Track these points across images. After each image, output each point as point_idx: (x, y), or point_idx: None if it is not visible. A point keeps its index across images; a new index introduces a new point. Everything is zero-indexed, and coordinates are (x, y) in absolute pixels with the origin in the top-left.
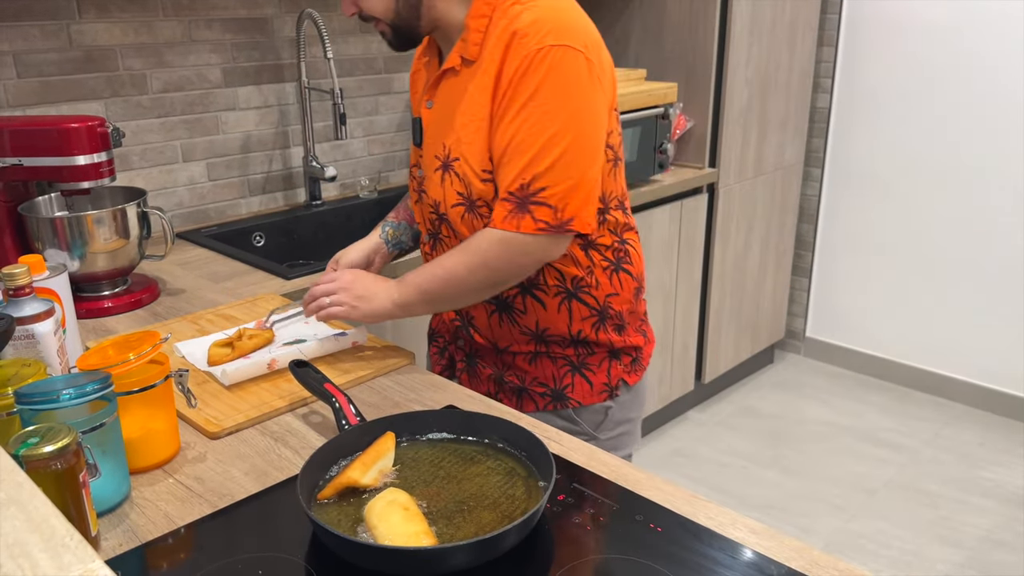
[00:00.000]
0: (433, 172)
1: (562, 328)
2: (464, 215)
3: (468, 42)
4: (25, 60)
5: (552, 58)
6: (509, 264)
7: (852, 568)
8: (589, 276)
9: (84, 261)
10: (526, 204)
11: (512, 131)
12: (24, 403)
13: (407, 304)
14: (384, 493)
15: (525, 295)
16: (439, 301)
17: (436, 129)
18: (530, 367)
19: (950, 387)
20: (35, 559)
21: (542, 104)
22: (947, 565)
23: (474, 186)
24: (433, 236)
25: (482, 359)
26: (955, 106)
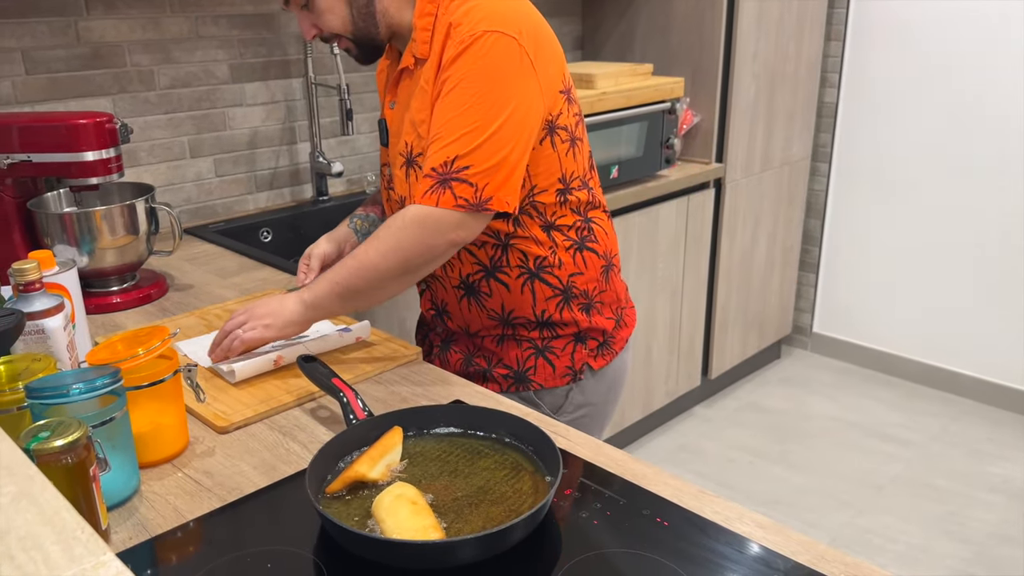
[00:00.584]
0: (399, 168)
1: (527, 310)
2: None
3: (417, 41)
4: (33, 57)
5: (483, 43)
6: (421, 245)
7: (859, 563)
8: (552, 256)
9: (93, 257)
10: (448, 181)
11: (440, 113)
12: (35, 397)
13: (317, 300)
14: (392, 487)
15: (489, 278)
16: (352, 293)
17: (398, 127)
18: (497, 349)
19: (958, 382)
20: (47, 552)
21: (471, 87)
22: (954, 560)
23: None
24: None
25: (455, 344)
26: (963, 101)
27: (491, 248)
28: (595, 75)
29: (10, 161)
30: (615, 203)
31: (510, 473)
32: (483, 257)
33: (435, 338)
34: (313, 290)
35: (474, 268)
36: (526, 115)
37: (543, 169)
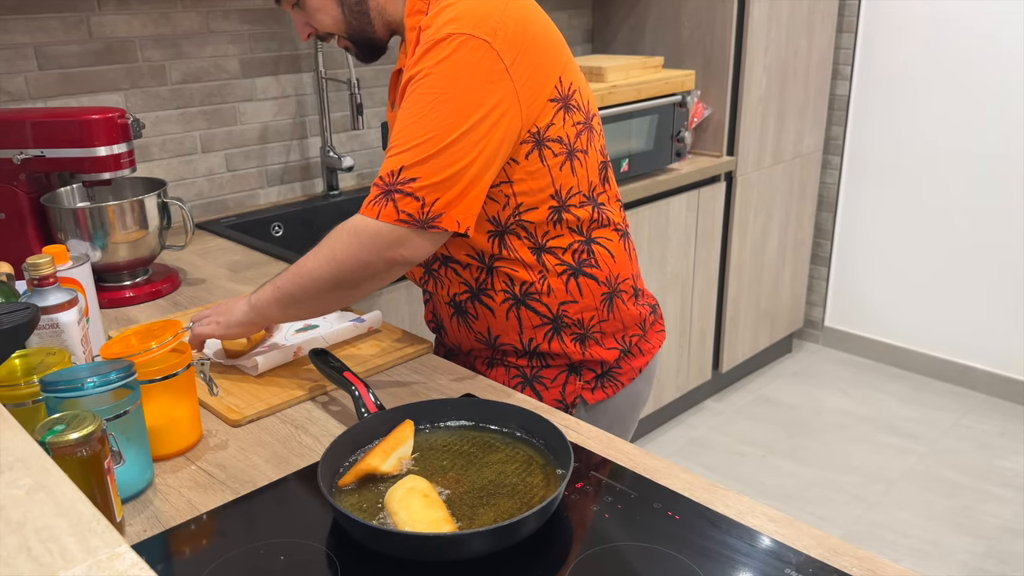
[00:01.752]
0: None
1: (513, 337)
2: None
3: (407, 43)
4: (46, 52)
5: (446, 46)
6: (354, 259)
7: (872, 557)
8: (540, 282)
9: (106, 251)
10: (392, 193)
11: (398, 120)
12: (49, 391)
13: (260, 305)
14: (404, 480)
15: (475, 300)
16: (290, 300)
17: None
18: (486, 371)
19: (969, 376)
20: (63, 543)
21: (428, 94)
22: (966, 555)
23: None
24: None
25: (454, 359)
26: (976, 92)
27: (475, 270)
28: (605, 68)
29: (23, 156)
30: (625, 196)
31: (521, 466)
32: (468, 278)
33: (439, 349)
34: (259, 293)
35: (461, 288)
36: (493, 127)
37: (531, 185)
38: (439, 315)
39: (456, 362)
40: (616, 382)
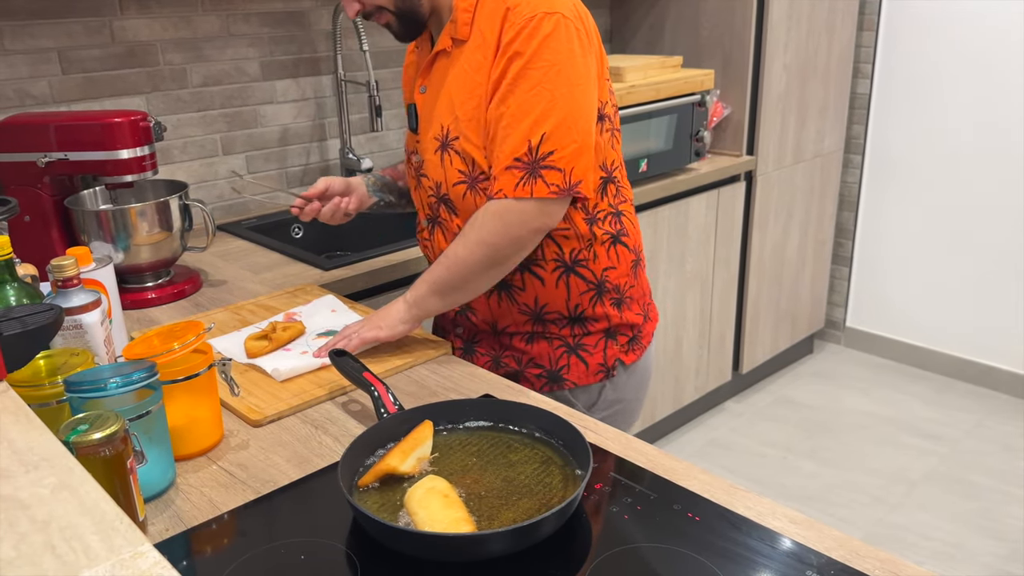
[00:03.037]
0: (433, 153)
1: (560, 304)
2: (466, 193)
3: (457, 22)
4: (69, 56)
5: (545, 26)
6: (505, 235)
7: (893, 559)
8: (587, 250)
9: (128, 253)
10: (536, 169)
11: (512, 99)
12: (73, 391)
13: (418, 299)
14: (424, 480)
15: (524, 271)
16: (448, 289)
17: (431, 112)
18: (527, 347)
19: (992, 377)
20: (87, 541)
21: (539, 71)
22: (990, 557)
23: (477, 162)
24: (432, 221)
25: (479, 344)
26: (999, 90)
27: None
28: (624, 68)
29: (48, 159)
30: (644, 196)
31: (540, 467)
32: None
33: (456, 339)
34: (414, 291)
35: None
36: (592, 96)
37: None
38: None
39: (482, 348)
40: (641, 345)
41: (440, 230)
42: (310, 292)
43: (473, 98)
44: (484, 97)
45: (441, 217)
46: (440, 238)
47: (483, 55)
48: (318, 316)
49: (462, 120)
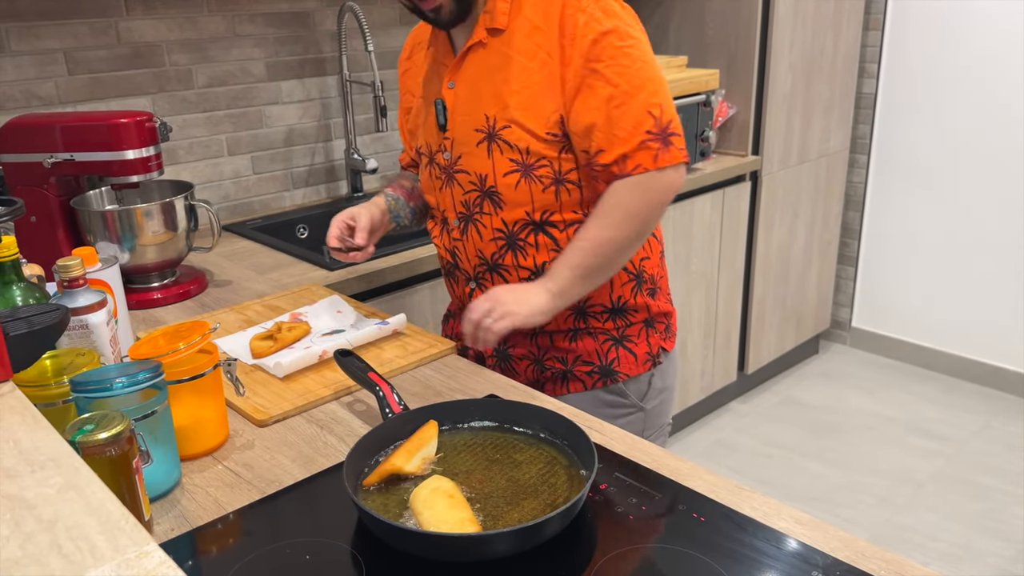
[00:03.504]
0: (475, 146)
1: (604, 297)
2: (519, 182)
3: (495, 12)
4: (75, 57)
5: (611, 8)
6: (652, 204)
7: (900, 560)
8: None
9: (134, 253)
10: (667, 138)
11: (617, 76)
12: (79, 391)
13: (564, 289)
14: (429, 480)
15: None
16: (594, 271)
17: (470, 104)
18: (572, 345)
19: (999, 377)
20: (93, 541)
21: (632, 46)
22: (997, 559)
23: (533, 149)
24: (466, 219)
25: (515, 348)
26: (1005, 89)
27: (574, 232)
28: None
29: (54, 160)
30: None
31: (545, 467)
32: (563, 242)
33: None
34: (556, 280)
35: (552, 255)
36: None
37: None
38: None
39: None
40: (673, 332)
41: (476, 228)
42: (315, 292)
43: (530, 86)
44: (545, 84)
45: (481, 212)
46: (476, 236)
47: (537, 42)
48: (323, 316)
49: (514, 108)
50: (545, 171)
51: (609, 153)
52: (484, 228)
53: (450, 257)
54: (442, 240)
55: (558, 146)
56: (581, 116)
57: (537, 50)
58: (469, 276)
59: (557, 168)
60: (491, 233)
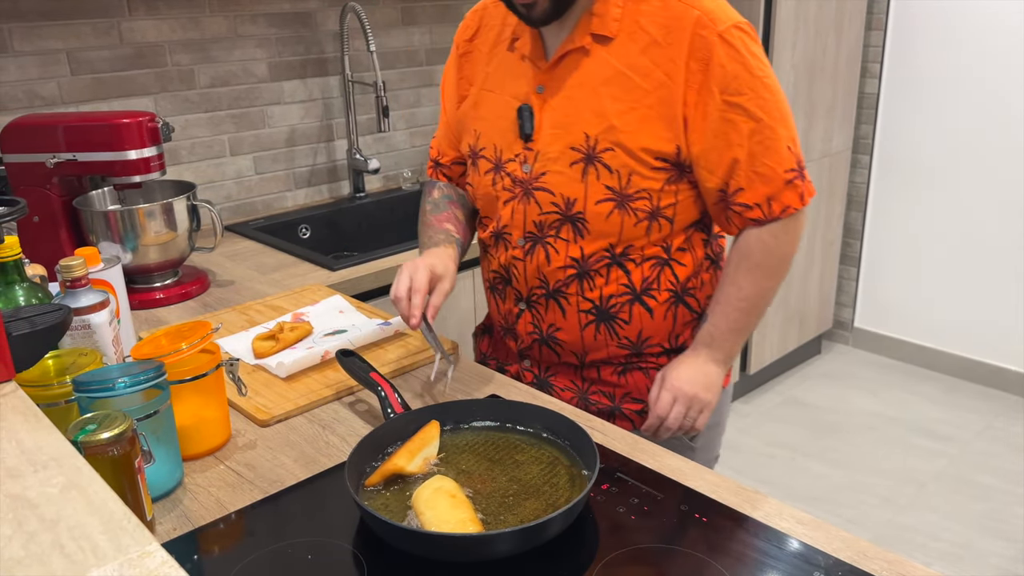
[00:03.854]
0: (567, 166)
1: (663, 336)
2: (612, 212)
3: (605, 17)
4: (78, 57)
5: (748, 35)
6: (796, 241)
7: (901, 560)
8: (696, 276)
9: (136, 253)
10: (804, 174)
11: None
12: (82, 391)
13: (730, 355)
14: (431, 480)
15: (634, 302)
16: (750, 326)
17: (564, 118)
18: (620, 380)
19: (1001, 377)
20: (95, 540)
21: (768, 80)
22: (999, 559)
23: (635, 179)
24: (534, 240)
25: (556, 377)
26: (1008, 90)
27: (650, 267)
28: None
29: (56, 160)
30: None
31: (547, 467)
32: (636, 277)
33: (525, 373)
34: (723, 348)
35: (621, 289)
36: None
37: None
38: (555, 324)
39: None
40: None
41: (545, 251)
42: (317, 292)
43: (640, 107)
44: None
45: (557, 237)
46: (542, 259)
47: (655, 59)
48: (326, 316)
49: (621, 130)
50: (643, 203)
51: (750, 193)
52: (555, 254)
53: (503, 273)
54: (495, 253)
55: (664, 178)
56: (720, 152)
57: (654, 68)
58: (521, 297)
59: (655, 202)
60: (563, 260)
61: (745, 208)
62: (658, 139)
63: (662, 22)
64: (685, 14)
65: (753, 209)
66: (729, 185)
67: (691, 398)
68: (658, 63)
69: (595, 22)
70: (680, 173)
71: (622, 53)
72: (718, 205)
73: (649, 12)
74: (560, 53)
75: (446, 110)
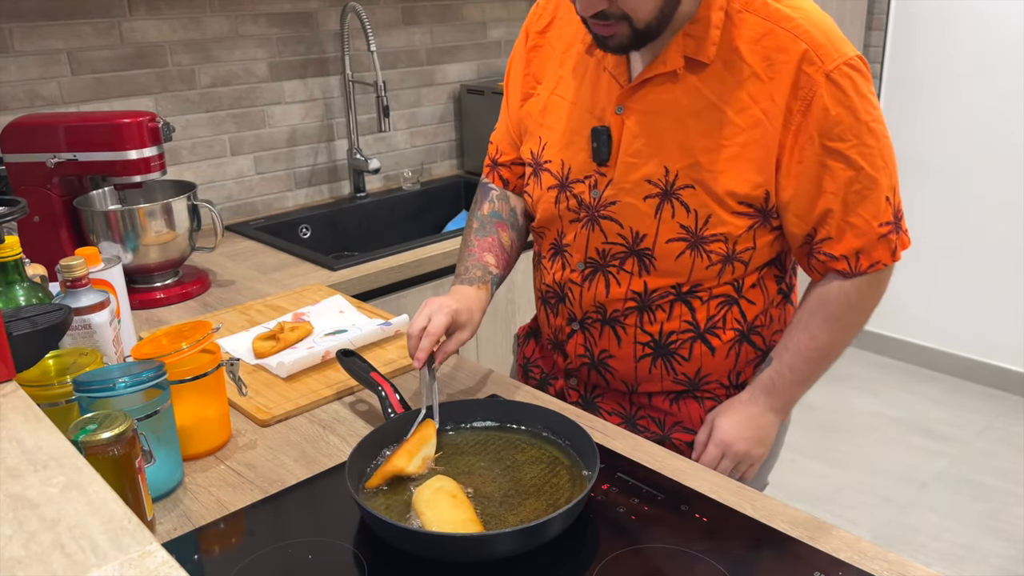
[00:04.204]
0: (641, 200)
1: (722, 373)
2: (683, 253)
3: (703, 40)
4: (79, 57)
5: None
6: (880, 296)
7: (902, 560)
8: (765, 314)
9: (137, 253)
10: (899, 223)
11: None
12: (82, 391)
13: (789, 403)
14: (432, 480)
15: (696, 340)
16: (816, 375)
17: (644, 147)
18: (672, 408)
19: (1003, 377)
20: (95, 540)
21: (876, 124)
22: (1000, 559)
23: (712, 221)
24: (595, 268)
25: (603, 399)
26: (1009, 90)
27: (716, 305)
28: None
29: (57, 160)
30: None
31: (547, 467)
32: (701, 315)
33: (570, 392)
34: (783, 397)
35: (684, 326)
36: None
37: None
38: (608, 351)
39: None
40: None
41: (605, 280)
42: (318, 292)
43: (732, 146)
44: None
45: (620, 269)
46: (601, 288)
47: (753, 94)
48: (326, 316)
49: (706, 168)
50: (717, 246)
51: (839, 244)
52: (617, 286)
53: (557, 289)
54: (551, 267)
55: (746, 224)
56: (812, 199)
57: (751, 104)
58: (575, 317)
59: (731, 247)
60: (624, 292)
61: (830, 258)
62: (745, 183)
63: (765, 53)
64: (791, 46)
65: (839, 261)
66: (817, 232)
67: (741, 455)
68: (756, 99)
69: (690, 45)
70: (763, 219)
71: (716, 83)
72: (803, 248)
73: (751, 39)
74: (647, 75)
75: (508, 106)
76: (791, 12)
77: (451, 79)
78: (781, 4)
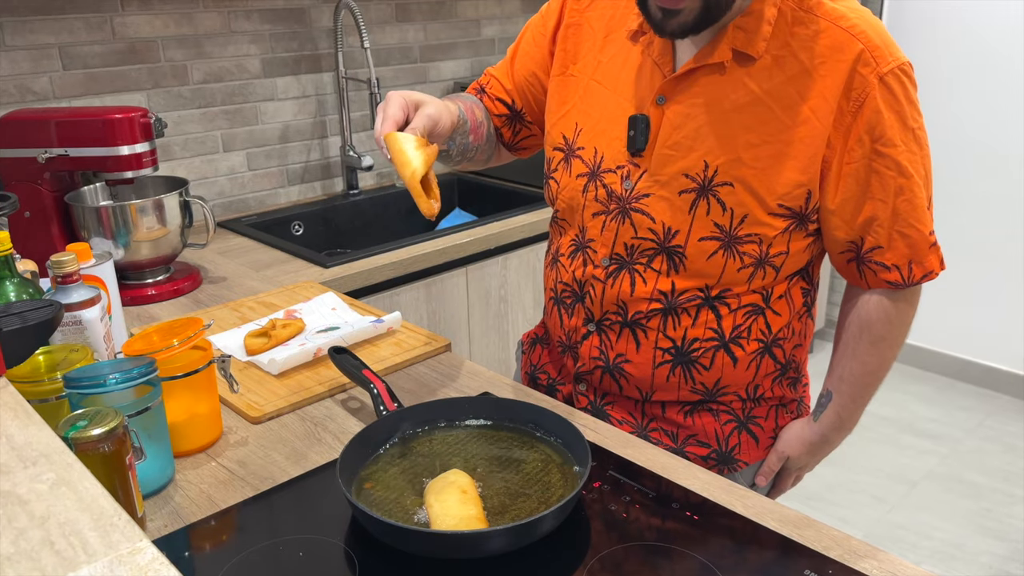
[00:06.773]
0: (677, 194)
1: (741, 385)
2: (714, 253)
3: (754, 34)
4: (70, 52)
5: (911, 78)
6: (915, 311)
7: (892, 558)
8: (787, 328)
9: (128, 249)
10: (935, 244)
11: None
12: (72, 387)
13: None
14: (447, 473)
15: (719, 349)
16: (869, 398)
17: (683, 139)
18: (686, 420)
19: (993, 377)
20: (85, 537)
21: (921, 134)
22: (990, 557)
23: (748, 221)
24: (621, 264)
25: (614, 407)
26: (1003, 92)
27: (743, 315)
28: None
29: (48, 155)
30: None
31: (539, 465)
32: (727, 323)
33: (579, 398)
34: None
35: (708, 334)
36: None
37: None
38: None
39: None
40: (806, 406)
41: (631, 278)
42: (310, 289)
43: (776, 143)
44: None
45: (647, 267)
46: (626, 287)
47: (801, 91)
48: (318, 313)
49: (747, 165)
50: (751, 248)
51: (891, 253)
52: (643, 284)
53: (575, 288)
54: (570, 264)
55: (782, 226)
56: (858, 204)
57: (799, 102)
58: (592, 318)
59: (764, 249)
60: (649, 292)
61: (882, 268)
62: (787, 183)
63: (818, 50)
64: (847, 45)
65: (892, 271)
66: (865, 241)
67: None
68: (805, 96)
69: (740, 38)
70: (800, 223)
71: (764, 78)
72: (845, 255)
73: (804, 36)
74: (692, 65)
75: (517, 58)
76: (848, 12)
77: (445, 76)
78: (837, 3)
